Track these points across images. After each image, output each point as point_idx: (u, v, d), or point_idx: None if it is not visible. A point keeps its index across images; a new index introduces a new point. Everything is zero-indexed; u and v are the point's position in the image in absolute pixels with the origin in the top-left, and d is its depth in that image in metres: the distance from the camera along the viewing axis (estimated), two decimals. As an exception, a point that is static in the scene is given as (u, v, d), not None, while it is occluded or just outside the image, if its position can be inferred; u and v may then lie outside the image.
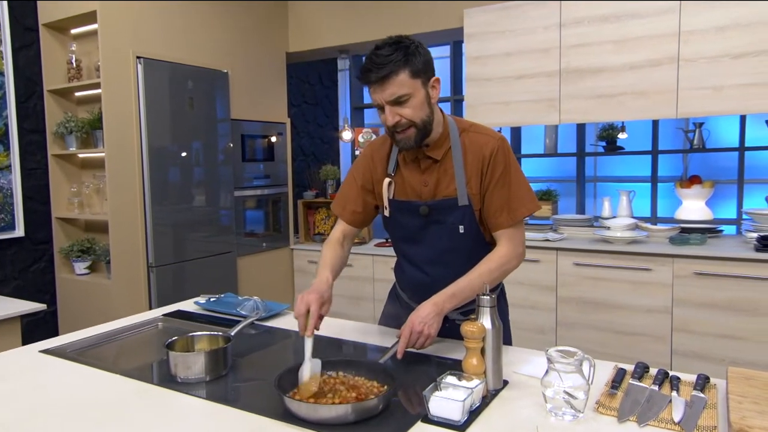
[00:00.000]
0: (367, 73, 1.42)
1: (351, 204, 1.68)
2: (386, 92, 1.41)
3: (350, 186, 1.69)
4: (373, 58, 1.41)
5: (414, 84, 1.42)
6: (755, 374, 1.22)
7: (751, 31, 2.83)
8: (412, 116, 1.44)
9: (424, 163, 1.56)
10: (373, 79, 1.41)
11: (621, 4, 3.10)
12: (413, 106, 1.44)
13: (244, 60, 3.84)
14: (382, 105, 1.44)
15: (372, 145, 1.69)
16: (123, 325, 1.87)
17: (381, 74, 1.39)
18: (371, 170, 1.66)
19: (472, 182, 1.52)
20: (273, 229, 4.15)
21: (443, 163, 1.54)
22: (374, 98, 1.46)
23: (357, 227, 1.71)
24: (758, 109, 2.89)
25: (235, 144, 3.72)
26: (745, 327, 2.83)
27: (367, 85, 1.45)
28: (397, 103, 1.43)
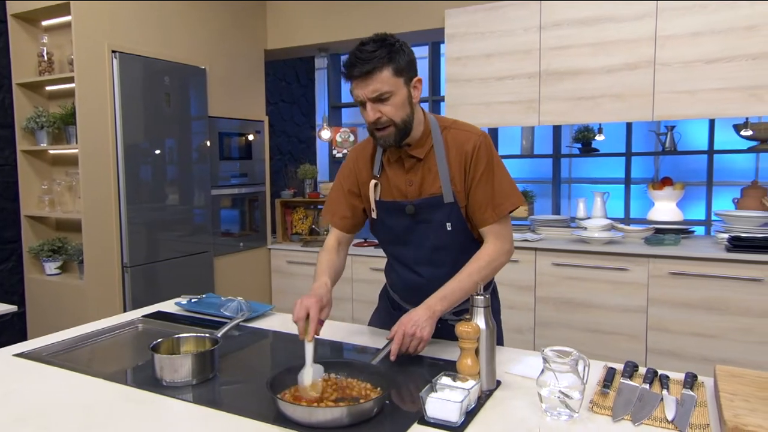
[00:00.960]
0: (350, 68, 1.41)
1: (340, 210, 1.67)
2: (368, 88, 1.41)
3: (337, 192, 1.68)
4: (357, 53, 1.40)
5: (396, 82, 1.42)
6: (742, 372, 1.25)
7: (723, 38, 2.91)
8: (393, 115, 1.44)
9: (407, 163, 1.56)
10: (356, 74, 1.40)
11: (599, 8, 3.15)
12: (394, 104, 1.43)
13: (222, 56, 3.77)
14: (364, 101, 1.44)
15: (355, 149, 1.69)
16: (101, 327, 1.81)
17: (364, 69, 1.39)
18: (356, 173, 1.65)
19: (456, 179, 1.52)
20: (250, 228, 4.09)
21: (427, 161, 1.54)
22: (356, 94, 1.45)
23: (349, 233, 1.69)
24: (730, 112, 2.97)
25: (213, 142, 3.65)
26: (717, 325, 2.90)
27: (350, 80, 1.44)
28: (379, 100, 1.42)
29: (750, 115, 2.98)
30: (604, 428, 1.11)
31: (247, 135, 4.00)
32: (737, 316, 2.86)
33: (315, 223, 4.34)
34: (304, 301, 1.36)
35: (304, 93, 5.37)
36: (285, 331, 1.77)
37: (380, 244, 1.72)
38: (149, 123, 3.19)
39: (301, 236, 4.28)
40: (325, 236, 4.19)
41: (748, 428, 0.98)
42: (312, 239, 4.17)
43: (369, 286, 3.86)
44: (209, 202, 3.60)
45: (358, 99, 1.45)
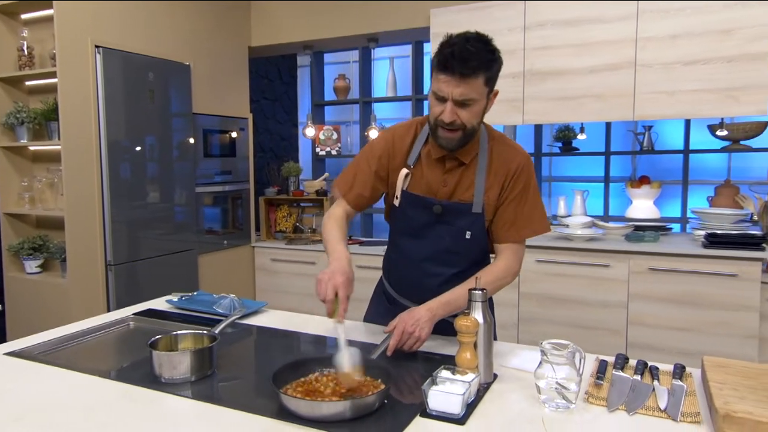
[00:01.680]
0: (451, 61, 1.33)
1: (358, 187, 1.61)
2: (458, 89, 1.36)
3: (361, 169, 1.62)
4: (461, 48, 1.33)
5: (483, 91, 1.40)
6: (728, 362, 1.30)
7: (701, 41, 2.99)
8: (468, 121, 1.41)
9: (449, 164, 1.54)
10: (456, 71, 1.34)
11: (582, 10, 3.21)
12: (473, 112, 1.41)
13: (206, 53, 3.75)
14: (446, 98, 1.39)
15: (394, 132, 1.63)
16: (91, 325, 1.79)
17: (465, 70, 1.33)
18: (390, 157, 1.60)
19: (491, 192, 1.53)
20: (234, 226, 4.07)
21: (468, 167, 1.54)
22: (441, 88, 1.38)
23: (357, 210, 1.65)
24: (707, 113, 3.05)
25: (197, 139, 3.62)
26: (694, 319, 2.99)
27: (442, 73, 1.37)
28: (462, 104, 1.39)
29: (726, 115, 3.07)
30: (600, 418, 1.14)
31: (231, 132, 3.98)
32: (713, 310, 2.95)
33: (299, 221, 4.34)
34: (332, 279, 1.31)
35: (286, 90, 5.35)
36: (279, 328, 1.78)
37: (392, 231, 1.71)
38: (133, 119, 3.16)
39: (285, 234, 4.28)
40: (308, 234, 4.20)
41: (738, 415, 1.03)
42: (296, 237, 4.17)
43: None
44: (193, 199, 3.57)
45: (440, 93, 1.39)
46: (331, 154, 4.89)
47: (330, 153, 4.90)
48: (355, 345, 1.61)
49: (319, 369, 1.32)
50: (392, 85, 4.55)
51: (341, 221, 1.59)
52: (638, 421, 1.13)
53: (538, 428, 1.10)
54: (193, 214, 3.58)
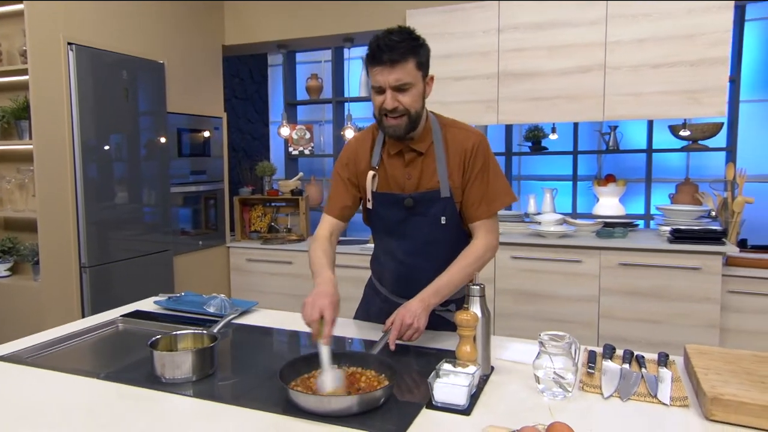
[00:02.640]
0: (379, 53, 1.45)
1: (339, 201, 1.69)
2: (392, 76, 1.46)
3: (336, 183, 1.71)
4: (385, 40, 1.45)
5: (417, 75, 1.49)
6: (709, 349, 1.38)
7: (666, 45, 3.13)
8: (409, 105, 1.49)
9: (408, 156, 1.61)
10: (385, 60, 1.44)
11: (554, 13, 3.31)
12: (412, 96, 1.49)
13: (180, 51, 3.69)
14: (384, 88, 1.48)
15: (356, 140, 1.72)
16: (79, 327, 1.76)
17: (393, 56, 1.44)
18: (355, 163, 1.68)
19: (453, 175, 1.59)
20: (208, 226, 4.03)
21: (426, 156, 1.60)
22: (377, 80, 1.48)
23: (345, 222, 1.71)
24: (672, 114, 3.20)
25: (171, 138, 3.57)
26: (661, 311, 3.12)
27: (375, 66, 1.47)
28: (399, 90, 1.48)
29: (689, 116, 3.22)
30: (596, 405, 1.21)
31: (205, 131, 3.94)
32: (678, 302, 3.09)
33: (273, 220, 4.32)
34: (317, 301, 1.35)
35: (257, 89, 5.31)
36: (271, 326, 1.79)
37: (373, 233, 1.76)
38: (107, 118, 3.09)
39: (260, 234, 4.25)
40: (284, 234, 4.19)
41: (725, 397, 1.10)
42: (272, 237, 4.15)
43: (331, 282, 3.89)
44: (168, 199, 3.52)
45: (377, 85, 1.49)
46: (304, 154, 4.89)
47: (303, 152, 4.89)
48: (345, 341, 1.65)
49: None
50: (365, 85, 4.58)
51: (326, 244, 1.63)
52: (632, 407, 1.19)
53: (539, 416, 1.15)
54: (168, 215, 3.53)
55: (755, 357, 1.33)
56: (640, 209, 4.52)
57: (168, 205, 3.52)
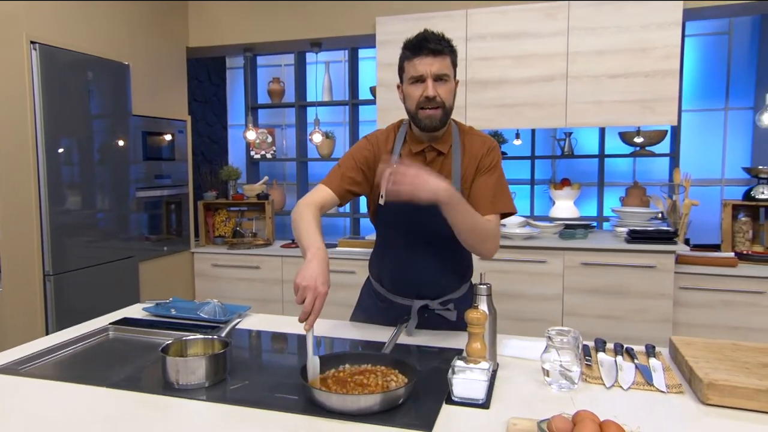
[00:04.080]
0: (424, 42, 1.54)
1: (347, 183, 1.66)
2: (435, 66, 1.53)
3: (347, 167, 1.67)
4: (428, 34, 1.55)
5: (452, 71, 1.58)
6: (692, 340, 1.50)
7: (623, 57, 3.32)
8: (445, 98, 1.57)
9: (429, 156, 1.66)
10: (430, 48, 1.53)
11: (519, 25, 3.45)
12: (449, 89, 1.57)
13: (145, 52, 3.61)
14: (426, 77, 1.54)
15: (376, 137, 1.73)
16: (68, 337, 1.71)
17: (437, 46, 1.53)
18: (375, 157, 1.67)
19: (466, 178, 1.66)
20: (172, 232, 3.94)
21: (445, 157, 1.66)
22: (418, 69, 1.54)
23: (340, 202, 1.68)
24: (628, 121, 3.40)
25: (136, 141, 3.48)
26: (620, 308, 3.31)
27: (416, 56, 1.54)
28: (439, 80, 1.55)
29: (643, 124, 3.43)
30: (602, 394, 1.29)
31: (169, 135, 3.85)
32: (636, 299, 3.29)
33: (238, 225, 4.27)
34: (315, 289, 1.31)
35: (215, 92, 5.22)
36: (268, 330, 1.79)
37: (380, 229, 1.78)
38: (71, 120, 2.98)
39: (225, 239, 4.19)
40: (250, 238, 4.15)
41: (720, 382, 1.21)
42: (238, 241, 4.10)
43: (299, 286, 3.88)
44: (134, 204, 3.42)
45: (418, 74, 1.54)
46: (266, 158, 4.85)
47: (265, 156, 4.86)
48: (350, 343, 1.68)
49: (342, 365, 1.37)
50: (328, 90, 4.60)
51: (315, 209, 1.56)
52: (634, 395, 1.29)
53: (551, 406, 1.23)
54: (133, 220, 3.43)
55: (734, 346, 1.46)
56: (593, 211, 4.74)
57: (133, 211, 3.42)
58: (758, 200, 3.51)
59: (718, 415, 1.18)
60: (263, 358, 1.66)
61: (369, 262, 1.89)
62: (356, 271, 3.78)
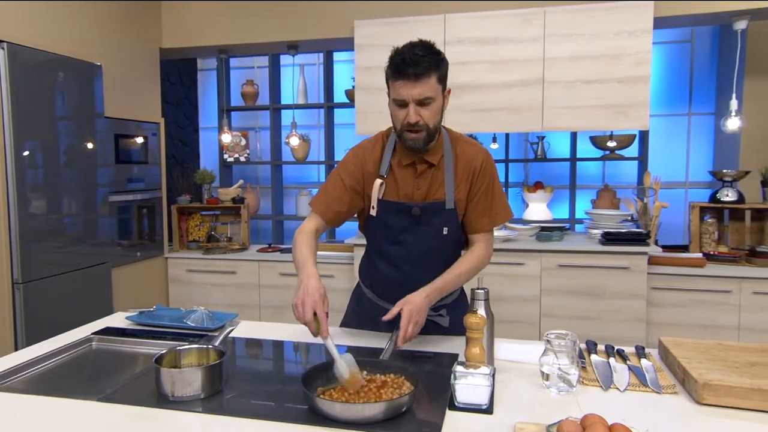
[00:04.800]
0: (403, 66, 1.46)
1: (336, 204, 1.68)
2: (416, 90, 1.48)
3: (336, 187, 1.69)
4: (410, 54, 1.46)
5: (438, 89, 1.52)
6: (681, 341, 1.54)
7: (597, 63, 3.40)
8: (429, 120, 1.53)
9: (420, 167, 1.65)
10: (409, 73, 1.46)
11: (497, 30, 3.49)
12: (433, 111, 1.53)
13: (117, 53, 3.51)
14: (407, 102, 1.50)
15: (363, 147, 1.72)
16: (49, 348, 1.65)
17: (417, 71, 1.45)
18: (362, 171, 1.68)
19: (460, 188, 1.65)
20: (146, 237, 3.83)
21: (437, 168, 1.65)
22: (400, 93, 1.50)
23: (335, 226, 1.72)
24: (602, 126, 3.47)
25: (108, 144, 3.38)
26: (596, 308, 3.38)
27: (398, 79, 1.48)
28: (421, 104, 1.50)
29: (616, 128, 3.52)
30: (600, 396, 1.32)
31: (142, 137, 3.75)
32: (610, 299, 3.36)
33: (212, 229, 4.20)
34: (307, 300, 1.36)
35: (187, 94, 5.12)
36: (258, 338, 1.76)
37: (371, 240, 1.77)
38: (42, 122, 2.88)
39: (199, 243, 4.11)
40: (225, 243, 4.08)
41: (714, 383, 1.25)
42: (213, 246, 4.03)
43: (277, 291, 3.84)
44: (106, 208, 3.32)
45: (400, 98, 1.50)
46: (240, 161, 4.78)
47: (238, 159, 4.79)
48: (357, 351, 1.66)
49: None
50: (303, 92, 4.57)
51: (310, 237, 1.63)
52: (631, 396, 1.31)
53: (553, 410, 1.24)
54: (106, 225, 3.33)
55: (720, 346, 1.51)
56: (565, 214, 4.83)
57: (105, 215, 3.32)
58: (723, 202, 3.63)
59: (714, 415, 1.21)
60: (258, 367, 1.63)
61: (359, 269, 1.88)
62: (335, 275, 3.76)
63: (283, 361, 1.67)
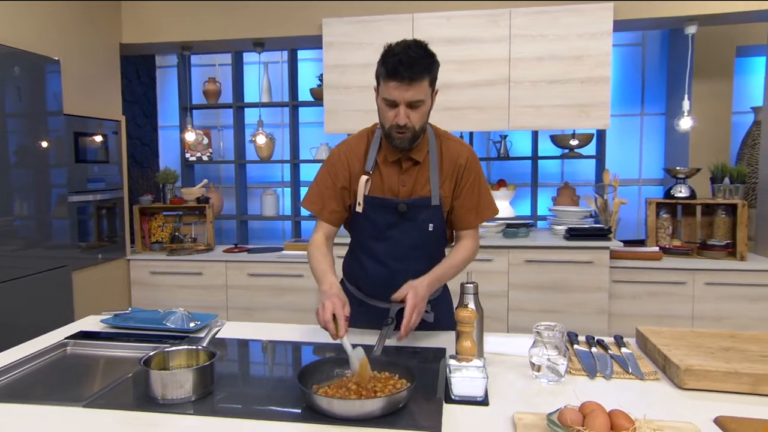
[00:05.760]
0: (399, 68, 1.46)
1: (330, 204, 1.69)
2: (408, 93, 1.49)
3: (326, 186, 1.70)
4: (406, 56, 1.46)
5: (428, 92, 1.55)
6: (658, 330, 1.61)
7: (560, 64, 3.49)
8: (417, 122, 1.55)
9: (405, 164, 1.66)
10: (404, 76, 1.46)
11: (464, 30, 3.54)
12: (421, 113, 1.55)
13: (76, 48, 3.37)
14: (398, 103, 1.51)
15: (348, 145, 1.73)
16: (21, 355, 1.57)
17: (412, 74, 1.46)
18: (348, 168, 1.69)
19: (445, 185, 1.67)
20: (106, 239, 3.70)
21: (422, 165, 1.67)
22: (392, 94, 1.50)
23: (336, 226, 1.73)
24: (565, 125, 3.58)
25: (68, 143, 3.24)
26: (562, 302, 3.48)
27: (391, 80, 1.49)
28: (411, 106, 1.52)
29: (578, 127, 3.63)
30: (588, 385, 1.36)
31: (102, 136, 3.61)
32: (575, 293, 3.47)
33: (176, 230, 4.09)
34: (327, 304, 1.40)
35: (145, 92, 4.97)
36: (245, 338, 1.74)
37: (356, 236, 1.78)
38: (-4, 120, 2.74)
39: (162, 245, 4.00)
40: (190, 242, 3.99)
41: (695, 368, 1.31)
42: (177, 247, 3.93)
43: (245, 292, 3.78)
44: (66, 209, 3.19)
45: (391, 98, 1.51)
46: (203, 160, 4.68)
47: (201, 158, 4.68)
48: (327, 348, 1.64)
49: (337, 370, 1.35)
50: (267, 90, 4.51)
51: (324, 248, 1.67)
52: (617, 384, 1.36)
53: (546, 400, 1.27)
54: (66, 227, 3.20)
55: (694, 333, 1.58)
56: (527, 211, 4.95)
57: (65, 216, 3.19)
58: (677, 198, 3.79)
59: (696, 398, 1.27)
60: (246, 367, 1.60)
61: (343, 268, 1.88)
62: (304, 275, 3.73)
63: (272, 362, 1.65)
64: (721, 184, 3.71)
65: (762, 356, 1.39)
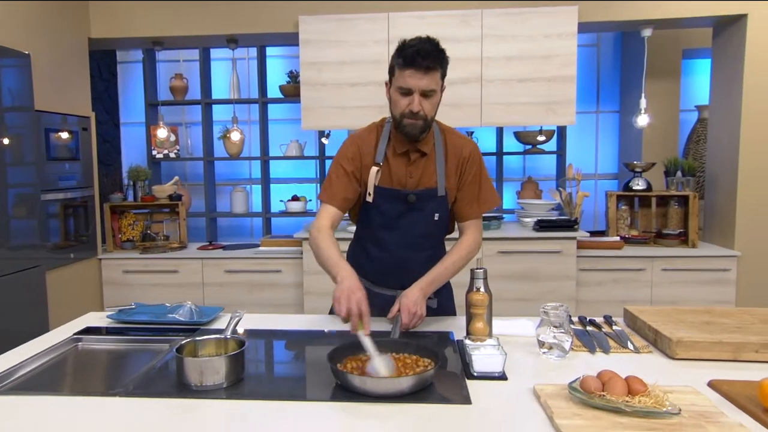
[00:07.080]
0: (416, 57, 1.55)
1: (342, 191, 1.74)
2: (423, 81, 1.58)
3: (339, 176, 1.75)
4: (423, 46, 1.57)
5: (440, 84, 1.65)
6: (644, 309, 1.76)
7: (529, 63, 3.65)
8: (429, 111, 1.64)
9: (413, 156, 1.74)
10: (422, 65, 1.55)
11: (438, 29, 3.61)
12: (432, 103, 1.64)
13: (46, 42, 3.27)
14: (413, 91, 1.59)
15: (360, 136, 1.80)
16: (33, 351, 1.56)
17: (429, 63, 1.56)
18: (359, 158, 1.75)
19: (450, 177, 1.77)
20: (73, 238, 3.60)
21: (429, 157, 1.75)
22: (408, 82, 1.59)
23: (344, 212, 1.77)
24: (534, 121, 3.74)
25: (39, 139, 3.15)
26: (533, 290, 3.64)
27: (408, 68, 1.57)
28: (425, 95, 1.61)
29: (546, 124, 3.80)
30: (590, 360, 1.48)
31: (72, 132, 3.52)
32: (545, 281, 3.64)
33: (147, 228, 4.03)
34: (351, 297, 1.42)
35: (106, 88, 4.84)
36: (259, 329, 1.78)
37: (364, 226, 1.84)
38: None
39: (134, 243, 3.94)
40: (162, 241, 3.95)
41: (685, 339, 1.45)
42: (151, 245, 3.87)
43: (221, 288, 3.78)
44: (38, 208, 3.10)
45: (407, 87, 1.59)
46: (170, 157, 4.62)
47: (168, 155, 4.62)
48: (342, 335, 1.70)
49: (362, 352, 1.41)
50: (236, 87, 4.49)
51: (332, 235, 1.69)
52: (616, 357, 1.49)
53: (561, 374, 1.38)
54: (37, 226, 3.11)
55: (676, 310, 1.74)
56: (492, 205, 5.13)
57: (37, 216, 3.10)
58: (635, 191, 4.03)
59: (688, 366, 1.41)
60: (270, 355, 1.65)
61: (347, 255, 1.94)
62: (282, 270, 3.76)
63: (290, 350, 1.70)
64: (674, 177, 3.97)
65: (738, 327, 1.55)
